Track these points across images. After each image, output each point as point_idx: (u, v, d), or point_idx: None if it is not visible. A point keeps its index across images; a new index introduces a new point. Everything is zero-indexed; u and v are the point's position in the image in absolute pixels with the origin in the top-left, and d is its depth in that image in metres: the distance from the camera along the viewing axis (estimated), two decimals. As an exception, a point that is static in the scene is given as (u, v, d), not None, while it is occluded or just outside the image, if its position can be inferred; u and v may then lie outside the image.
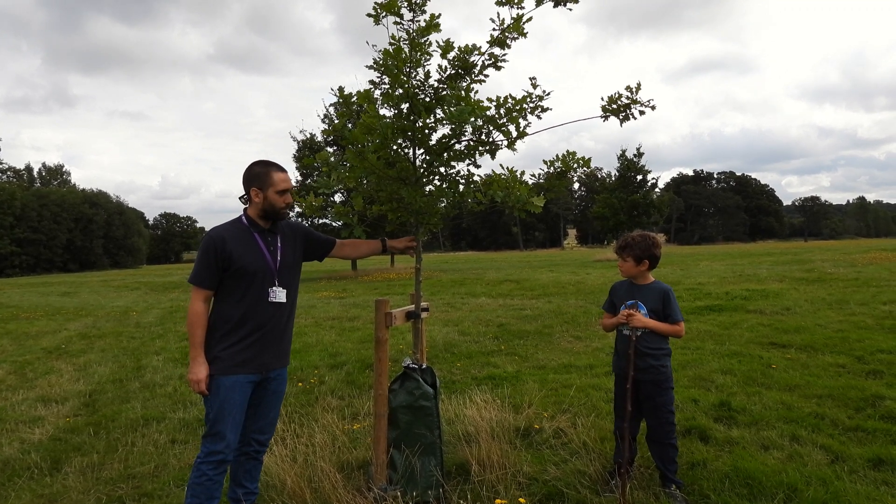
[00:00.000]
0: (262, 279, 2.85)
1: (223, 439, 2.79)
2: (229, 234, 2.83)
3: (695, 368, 5.95)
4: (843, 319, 8.24)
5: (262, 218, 2.92)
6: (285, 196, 2.90)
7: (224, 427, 2.79)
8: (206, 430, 2.83)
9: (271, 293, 2.88)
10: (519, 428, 4.17)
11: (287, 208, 2.95)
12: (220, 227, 2.89)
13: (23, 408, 5.70)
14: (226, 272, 2.80)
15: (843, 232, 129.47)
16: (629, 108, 3.15)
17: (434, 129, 3.18)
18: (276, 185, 2.86)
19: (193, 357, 2.76)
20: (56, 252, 69.07)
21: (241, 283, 2.81)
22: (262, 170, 2.88)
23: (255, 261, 2.84)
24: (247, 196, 2.91)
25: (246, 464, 3.03)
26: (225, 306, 2.82)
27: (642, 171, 49.84)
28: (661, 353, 3.26)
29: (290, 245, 3.03)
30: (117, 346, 9.34)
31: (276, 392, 3.02)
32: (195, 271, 2.80)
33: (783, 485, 3.20)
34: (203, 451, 2.82)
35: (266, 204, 2.88)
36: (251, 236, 2.88)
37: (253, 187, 2.87)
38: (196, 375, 2.74)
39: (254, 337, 2.83)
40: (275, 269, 2.91)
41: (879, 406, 4.48)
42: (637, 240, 3.28)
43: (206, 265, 2.77)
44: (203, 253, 2.79)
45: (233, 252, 2.78)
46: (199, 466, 2.79)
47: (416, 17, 3.01)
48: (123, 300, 18.73)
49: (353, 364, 6.92)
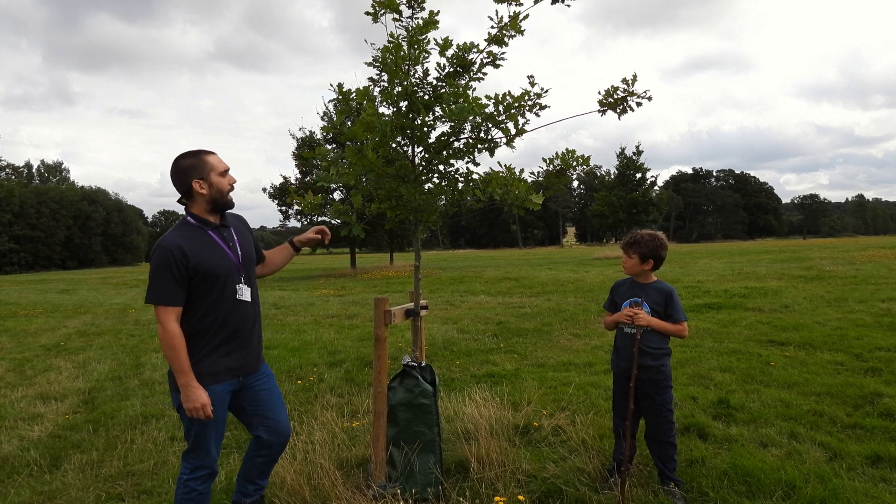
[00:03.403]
0: (227, 279, 2.64)
1: (208, 455, 2.67)
2: (184, 240, 2.56)
3: (693, 366, 5.96)
4: (841, 317, 8.25)
5: (211, 212, 2.69)
6: (228, 177, 2.70)
7: (209, 442, 2.65)
8: (188, 447, 2.67)
9: (238, 291, 2.69)
10: (518, 426, 4.18)
11: (232, 190, 2.73)
12: (170, 234, 2.60)
13: (22, 405, 5.70)
14: (191, 281, 2.55)
15: (842, 230, 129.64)
16: (626, 101, 3.14)
17: (433, 126, 3.18)
18: (215, 167, 2.65)
19: (185, 384, 2.50)
20: (55, 249, 69.08)
21: (208, 289, 2.58)
22: (193, 160, 2.64)
23: (219, 261, 2.62)
24: (186, 193, 2.66)
25: (263, 465, 2.93)
26: (193, 316, 2.58)
27: (641, 168, 49.85)
28: (661, 353, 3.26)
29: (244, 237, 2.84)
30: (116, 343, 9.33)
31: (269, 390, 2.86)
32: (156, 290, 2.49)
33: (781, 482, 3.21)
34: (188, 466, 2.68)
35: (214, 191, 2.64)
36: (206, 235, 2.65)
37: (193, 179, 2.61)
38: (198, 400, 2.50)
39: (228, 343, 2.65)
40: (239, 265, 2.72)
41: (878, 403, 4.49)
42: (645, 238, 3.26)
43: (169, 279, 2.49)
44: (161, 267, 2.49)
45: (194, 257, 2.53)
46: (187, 483, 2.66)
47: (415, 14, 3.01)
48: (122, 297, 18.71)
49: (352, 362, 6.92)
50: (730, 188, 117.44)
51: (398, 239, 31.31)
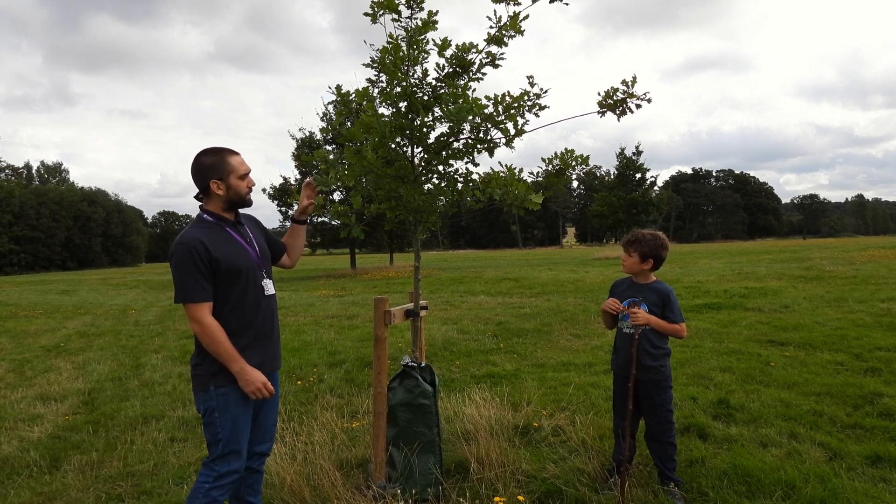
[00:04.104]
0: (250, 275, 2.62)
1: (239, 457, 2.58)
2: (204, 235, 2.53)
3: (693, 366, 5.96)
4: (841, 317, 8.25)
5: (227, 210, 2.67)
6: (248, 180, 2.66)
7: (240, 445, 2.58)
8: (217, 453, 2.55)
9: (265, 287, 2.69)
10: (518, 426, 4.18)
11: (251, 192, 2.70)
12: (189, 231, 2.55)
13: (22, 406, 5.70)
14: (214, 276, 2.52)
15: (842, 230, 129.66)
16: (625, 103, 3.14)
17: (432, 127, 3.18)
18: (236, 170, 2.61)
19: (239, 370, 2.48)
20: (55, 250, 69.11)
21: (232, 286, 2.55)
22: (215, 158, 2.60)
23: (240, 257, 2.60)
24: (204, 191, 2.64)
25: (248, 478, 2.82)
26: (219, 315, 2.52)
27: (641, 169, 49.87)
28: (660, 353, 3.26)
29: (258, 234, 2.82)
30: (116, 344, 9.34)
31: (272, 397, 2.78)
32: (184, 288, 2.46)
33: (781, 482, 3.21)
34: (212, 474, 2.54)
35: (231, 193, 2.61)
36: (224, 232, 2.62)
37: (212, 180, 2.58)
38: (258, 380, 2.50)
39: (257, 341, 2.63)
40: (259, 261, 2.70)
41: (877, 403, 4.49)
42: (647, 237, 3.26)
43: (196, 274, 2.46)
44: (185, 264, 2.46)
45: (215, 252, 2.50)
46: (209, 493, 2.52)
47: (414, 15, 3.01)
48: (122, 298, 18.72)
49: (352, 362, 6.92)
50: (730, 188, 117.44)
51: (398, 239, 31.30)
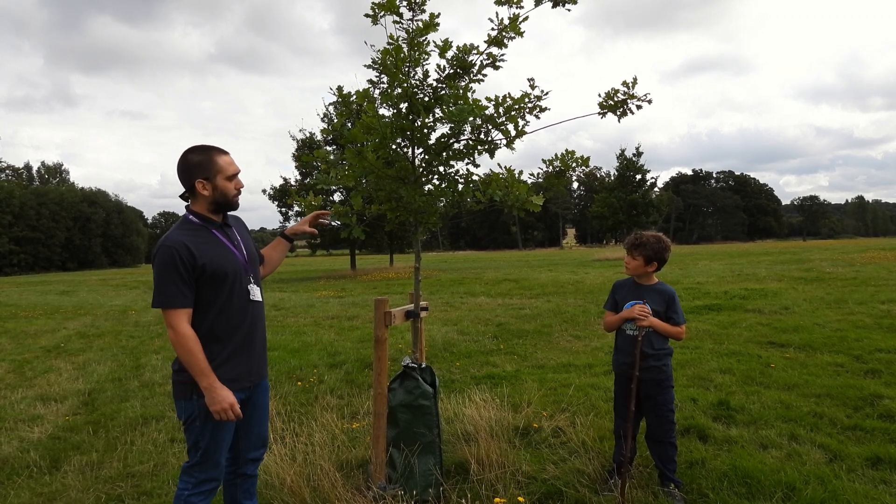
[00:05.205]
0: (237, 279, 2.53)
1: (217, 466, 2.54)
2: (188, 238, 2.43)
3: (693, 368, 5.96)
4: (841, 319, 8.25)
5: (214, 212, 2.56)
6: (236, 181, 2.56)
7: (219, 453, 2.53)
8: (194, 461, 2.51)
9: (250, 292, 2.58)
10: (518, 427, 4.18)
11: (239, 195, 2.60)
12: (173, 233, 2.45)
13: (22, 406, 5.70)
14: (198, 281, 2.42)
15: (842, 231, 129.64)
16: (626, 104, 3.15)
17: (433, 128, 3.19)
18: (223, 170, 2.50)
19: (208, 386, 2.37)
20: (54, 251, 69.07)
21: (217, 291, 2.47)
22: (202, 157, 2.49)
23: (226, 260, 2.50)
24: (189, 190, 2.53)
25: (244, 483, 2.80)
26: (203, 323, 2.44)
27: (641, 170, 49.90)
28: (662, 354, 3.27)
29: (245, 236, 2.73)
30: (116, 344, 9.34)
31: (263, 405, 2.76)
32: (164, 292, 2.35)
33: (781, 483, 3.21)
34: (191, 481, 2.52)
35: (217, 195, 2.51)
36: (210, 234, 2.52)
37: (198, 179, 2.47)
38: (225, 401, 2.38)
39: (242, 349, 2.55)
40: (246, 264, 2.61)
41: (878, 405, 4.49)
42: (651, 240, 3.27)
43: (177, 280, 2.36)
44: (167, 268, 2.35)
45: (200, 256, 2.40)
46: (189, 499, 2.50)
47: (415, 16, 3.01)
48: (122, 299, 18.71)
49: (352, 363, 6.92)
50: (730, 190, 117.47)
51: (398, 240, 31.29)
